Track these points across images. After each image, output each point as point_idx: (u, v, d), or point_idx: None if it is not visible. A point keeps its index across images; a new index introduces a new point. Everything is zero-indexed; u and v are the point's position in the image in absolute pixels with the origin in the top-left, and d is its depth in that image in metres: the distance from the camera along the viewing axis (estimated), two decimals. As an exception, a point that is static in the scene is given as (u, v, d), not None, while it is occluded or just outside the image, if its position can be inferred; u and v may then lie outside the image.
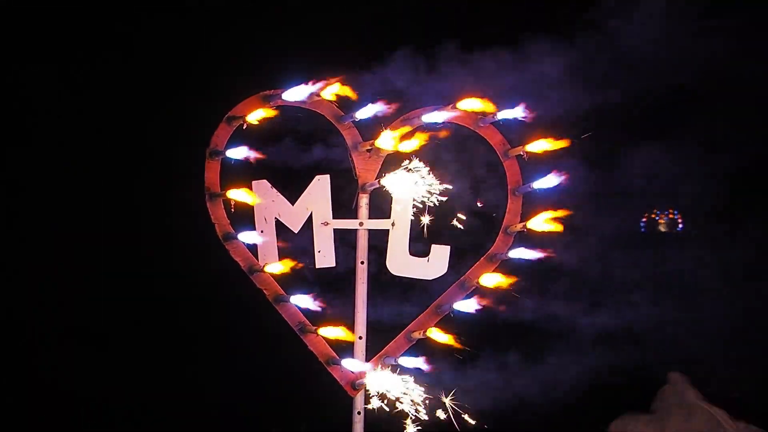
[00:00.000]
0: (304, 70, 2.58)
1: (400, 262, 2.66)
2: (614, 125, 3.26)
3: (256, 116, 2.52)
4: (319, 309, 2.49)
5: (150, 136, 3.47)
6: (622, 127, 3.35)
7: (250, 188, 2.61)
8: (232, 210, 2.60)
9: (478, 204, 2.91)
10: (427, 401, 2.56)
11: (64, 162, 3.48)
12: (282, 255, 2.63)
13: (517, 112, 2.57)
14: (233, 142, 2.60)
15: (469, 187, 2.91)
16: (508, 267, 2.70)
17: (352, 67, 2.70)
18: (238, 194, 2.54)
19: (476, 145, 2.78)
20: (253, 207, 2.63)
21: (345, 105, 2.62)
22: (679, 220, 4.03)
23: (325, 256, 2.66)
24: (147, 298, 3.83)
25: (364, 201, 2.66)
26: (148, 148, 3.48)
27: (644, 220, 3.84)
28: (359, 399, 2.59)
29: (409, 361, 2.54)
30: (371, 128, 2.64)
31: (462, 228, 2.73)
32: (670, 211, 3.98)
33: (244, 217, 2.78)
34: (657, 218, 3.95)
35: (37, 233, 3.58)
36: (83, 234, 3.56)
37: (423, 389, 2.53)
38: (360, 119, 2.58)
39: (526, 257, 2.62)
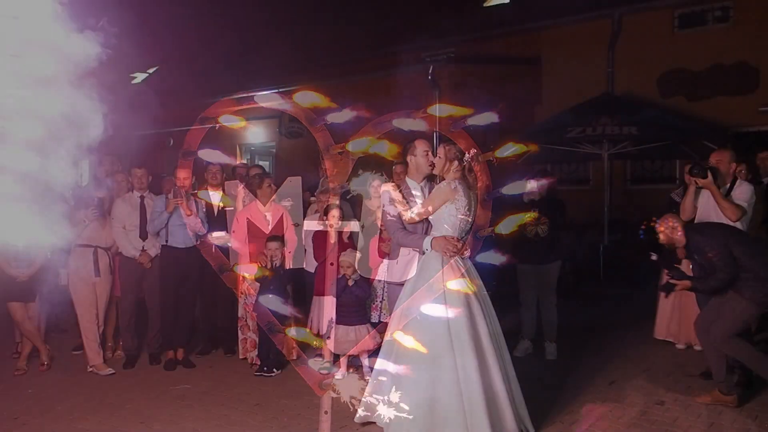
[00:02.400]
0: (278, 75, 2.58)
1: (370, 263, 2.70)
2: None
3: (229, 122, 2.53)
4: (295, 314, 2.50)
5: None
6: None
7: (223, 190, 2.63)
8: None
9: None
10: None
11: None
12: (252, 256, 2.66)
13: (490, 117, 2.58)
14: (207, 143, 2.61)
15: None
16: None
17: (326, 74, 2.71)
18: (208, 195, 2.56)
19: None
20: (225, 208, 2.65)
21: (317, 108, 2.62)
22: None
23: (296, 257, 2.69)
24: (125, 293, 3.87)
25: (335, 202, 2.68)
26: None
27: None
28: (326, 398, 2.62)
29: (375, 361, 2.57)
30: (343, 131, 2.65)
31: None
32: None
33: (217, 218, 2.81)
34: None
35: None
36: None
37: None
38: (332, 123, 2.59)
39: (492, 261, 2.65)
